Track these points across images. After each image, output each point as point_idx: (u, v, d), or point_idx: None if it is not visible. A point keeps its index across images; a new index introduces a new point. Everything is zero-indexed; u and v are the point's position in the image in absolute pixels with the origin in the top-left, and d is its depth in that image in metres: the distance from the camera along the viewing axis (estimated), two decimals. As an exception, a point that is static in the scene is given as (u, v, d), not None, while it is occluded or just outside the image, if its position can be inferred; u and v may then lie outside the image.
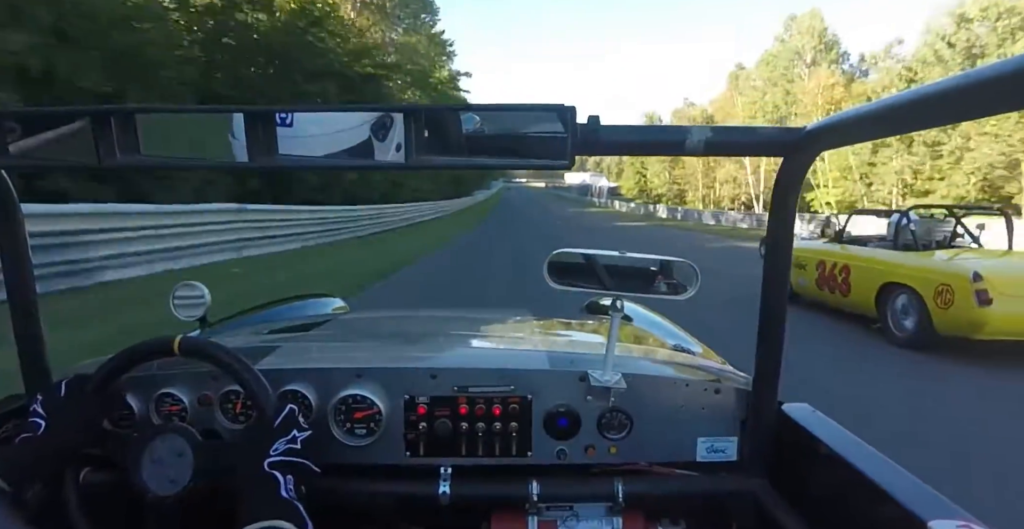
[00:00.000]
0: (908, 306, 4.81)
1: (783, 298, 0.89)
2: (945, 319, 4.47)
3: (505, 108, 0.70)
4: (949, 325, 4.48)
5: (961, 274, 4.37)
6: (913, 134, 22.71)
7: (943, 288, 4.45)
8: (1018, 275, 4.47)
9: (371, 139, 0.66)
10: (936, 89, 0.50)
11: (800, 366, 2.12)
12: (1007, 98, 0.44)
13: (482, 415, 0.96)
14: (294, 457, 0.76)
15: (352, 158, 0.68)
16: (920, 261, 4.89)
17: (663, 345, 1.50)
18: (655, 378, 1.02)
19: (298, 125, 0.67)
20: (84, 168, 0.71)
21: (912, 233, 5.24)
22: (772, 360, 0.91)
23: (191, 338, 0.85)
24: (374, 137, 0.66)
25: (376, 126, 0.66)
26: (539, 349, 1.21)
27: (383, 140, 0.66)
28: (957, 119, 0.53)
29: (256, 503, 0.70)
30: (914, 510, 0.66)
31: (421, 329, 1.64)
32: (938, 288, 4.48)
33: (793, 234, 0.87)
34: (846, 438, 0.86)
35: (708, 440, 0.99)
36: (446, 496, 0.92)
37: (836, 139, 0.73)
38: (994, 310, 4.18)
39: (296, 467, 0.75)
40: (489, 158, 0.70)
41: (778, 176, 0.81)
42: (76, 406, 0.83)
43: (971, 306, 4.23)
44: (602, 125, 0.70)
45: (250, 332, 1.51)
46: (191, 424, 0.86)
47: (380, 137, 0.66)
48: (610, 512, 0.95)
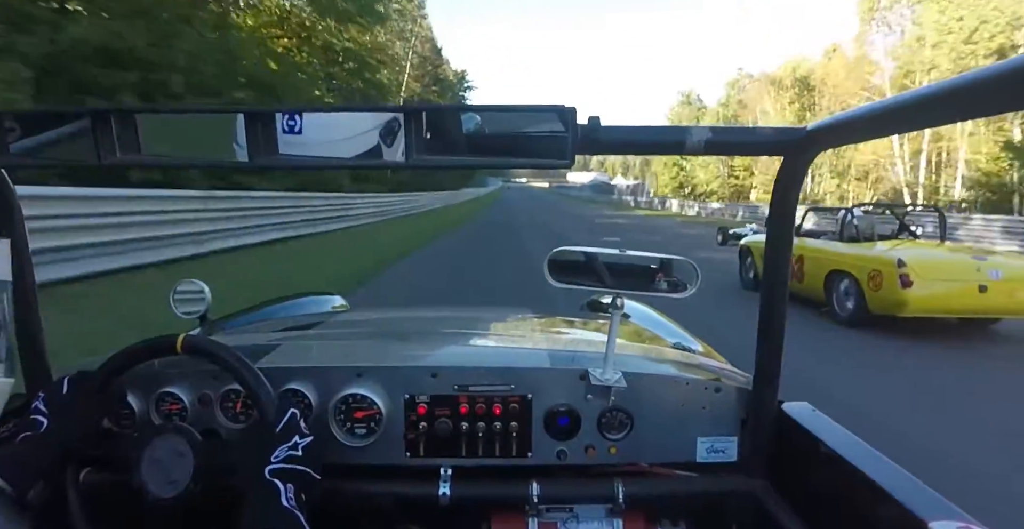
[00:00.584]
0: (849, 290, 5.55)
1: (783, 298, 0.89)
2: (876, 300, 5.22)
3: (506, 109, 0.70)
4: (879, 305, 5.23)
5: (888, 260, 5.12)
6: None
7: (874, 273, 5.18)
8: (936, 262, 5.27)
9: (371, 138, 0.67)
10: (936, 89, 0.50)
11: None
12: (1007, 98, 0.44)
13: (482, 414, 0.97)
14: (295, 464, 0.75)
15: (352, 157, 0.68)
16: (858, 251, 5.64)
17: (663, 343, 1.50)
18: (655, 377, 1.02)
19: (298, 125, 0.67)
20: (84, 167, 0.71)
21: (855, 227, 5.96)
22: (772, 359, 0.91)
23: (195, 337, 0.85)
24: (374, 136, 0.66)
25: (377, 126, 0.66)
26: (539, 347, 1.21)
27: (384, 139, 0.66)
28: (957, 119, 0.54)
29: (256, 512, 0.70)
30: (914, 510, 0.66)
31: (421, 328, 1.64)
32: (870, 273, 5.22)
33: (793, 234, 0.87)
34: (846, 438, 0.86)
35: (708, 440, 0.99)
36: (446, 497, 0.92)
37: (836, 139, 0.73)
38: (914, 292, 4.94)
39: (297, 475, 0.75)
40: (490, 157, 0.70)
41: (778, 176, 0.82)
42: (78, 404, 0.83)
43: (895, 288, 4.99)
44: (602, 125, 0.70)
45: (251, 330, 1.52)
46: (191, 423, 0.86)
47: (380, 136, 0.66)
48: (610, 513, 0.95)
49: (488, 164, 0.72)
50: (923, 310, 5.06)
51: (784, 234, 0.85)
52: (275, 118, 0.66)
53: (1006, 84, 0.43)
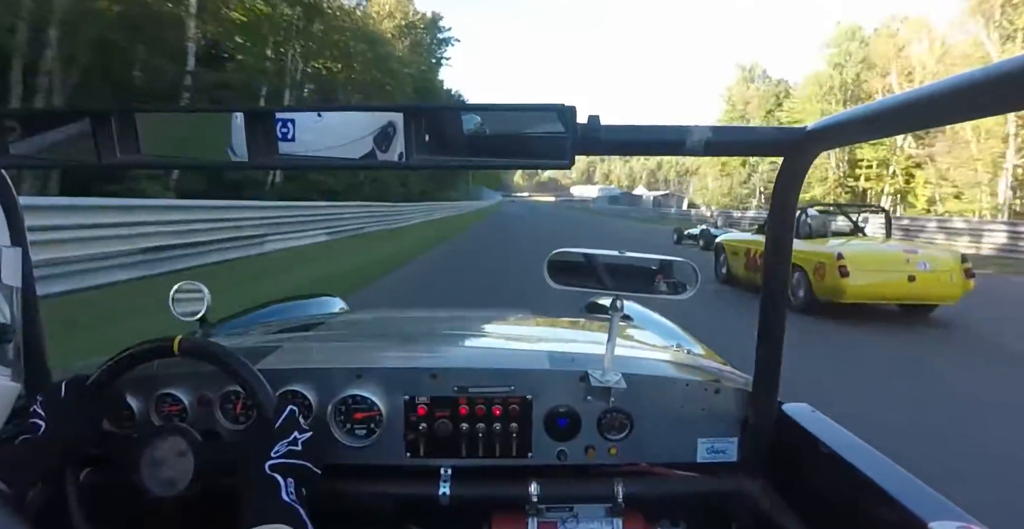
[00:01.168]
0: (800, 280, 6.39)
1: (783, 299, 0.89)
2: (820, 288, 6.18)
3: (505, 108, 0.70)
4: (823, 293, 6.18)
5: (830, 254, 6.08)
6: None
7: (819, 265, 6.12)
8: (871, 254, 6.28)
9: (370, 139, 0.67)
10: (936, 89, 0.50)
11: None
12: (1007, 98, 0.44)
13: (482, 415, 0.96)
14: (295, 459, 0.76)
15: (351, 158, 0.68)
16: (809, 246, 6.47)
17: (663, 345, 1.50)
18: (655, 378, 1.02)
19: (298, 125, 0.68)
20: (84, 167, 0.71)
21: (809, 225, 6.88)
22: (772, 360, 0.91)
23: (191, 338, 0.85)
24: (374, 137, 0.66)
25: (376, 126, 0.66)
26: (539, 349, 1.21)
27: (383, 140, 0.66)
28: (957, 119, 0.53)
29: (257, 506, 0.70)
30: (914, 511, 0.66)
31: (421, 329, 1.64)
32: (815, 265, 6.16)
33: (793, 234, 0.87)
34: (847, 439, 0.86)
35: (708, 441, 0.99)
36: (446, 497, 0.92)
37: (836, 139, 0.73)
38: (850, 281, 5.85)
39: (297, 469, 0.75)
40: (489, 158, 0.70)
41: (778, 176, 0.81)
42: (76, 407, 0.83)
43: (836, 278, 5.90)
44: (602, 125, 0.70)
45: (250, 332, 1.52)
46: (191, 424, 0.86)
47: (379, 136, 0.66)
48: (610, 513, 0.95)
49: (487, 165, 0.71)
50: (859, 297, 6.00)
51: (784, 235, 0.85)
52: (274, 118, 0.67)
53: (1006, 84, 0.42)
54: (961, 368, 4.69)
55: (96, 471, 0.88)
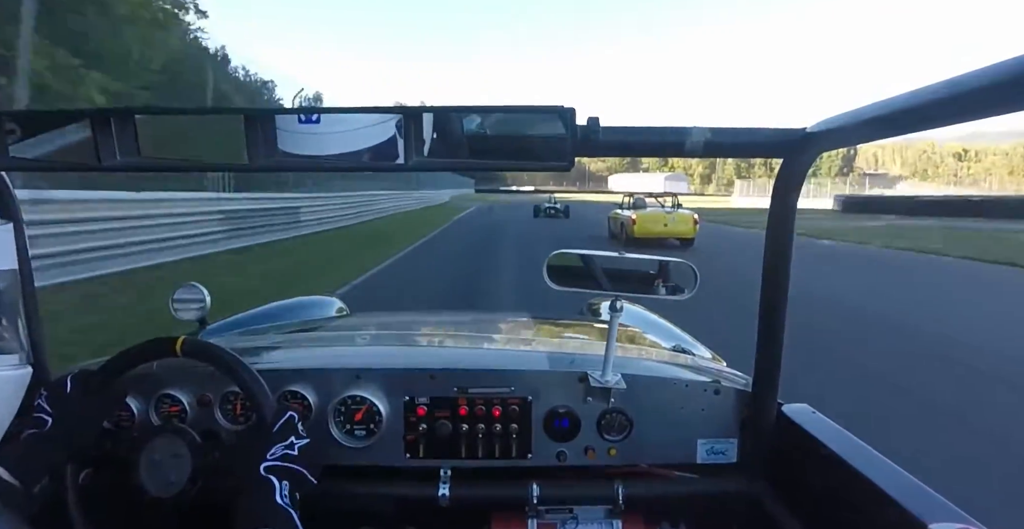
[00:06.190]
0: (623, 227, 14.06)
1: (783, 299, 0.88)
2: (628, 231, 13.56)
3: (505, 109, 0.70)
4: (629, 233, 13.50)
5: (631, 216, 13.76)
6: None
7: (626, 220, 13.93)
8: (647, 215, 13.74)
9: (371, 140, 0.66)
10: (936, 90, 0.50)
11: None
12: (1007, 98, 0.44)
13: (482, 416, 0.96)
14: (290, 463, 0.75)
15: (351, 159, 0.68)
16: (627, 213, 14.14)
17: (662, 346, 1.50)
18: (655, 379, 1.02)
19: (298, 126, 0.67)
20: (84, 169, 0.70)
21: (633, 203, 14.76)
22: (772, 361, 0.91)
23: (193, 339, 0.85)
24: (374, 138, 0.66)
25: (376, 127, 0.66)
26: (539, 350, 1.21)
27: (383, 141, 0.66)
28: (957, 120, 0.53)
29: (250, 507, 0.70)
30: (914, 512, 0.66)
31: (421, 330, 1.64)
32: (625, 221, 13.98)
33: (793, 234, 0.86)
34: (846, 440, 0.86)
35: (708, 442, 0.99)
36: (445, 498, 0.91)
37: (836, 140, 0.73)
38: (636, 227, 13.35)
39: (292, 473, 0.75)
40: (489, 159, 0.70)
41: (778, 177, 0.81)
42: (81, 403, 0.83)
43: (631, 226, 13.51)
44: (602, 126, 0.70)
45: (250, 333, 1.51)
46: (191, 425, 0.86)
47: (379, 138, 0.66)
48: (610, 514, 0.95)
49: (488, 166, 0.71)
50: (642, 234, 13.09)
51: (784, 235, 0.85)
52: (274, 120, 0.66)
53: (1006, 84, 0.42)
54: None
55: (96, 471, 0.88)
